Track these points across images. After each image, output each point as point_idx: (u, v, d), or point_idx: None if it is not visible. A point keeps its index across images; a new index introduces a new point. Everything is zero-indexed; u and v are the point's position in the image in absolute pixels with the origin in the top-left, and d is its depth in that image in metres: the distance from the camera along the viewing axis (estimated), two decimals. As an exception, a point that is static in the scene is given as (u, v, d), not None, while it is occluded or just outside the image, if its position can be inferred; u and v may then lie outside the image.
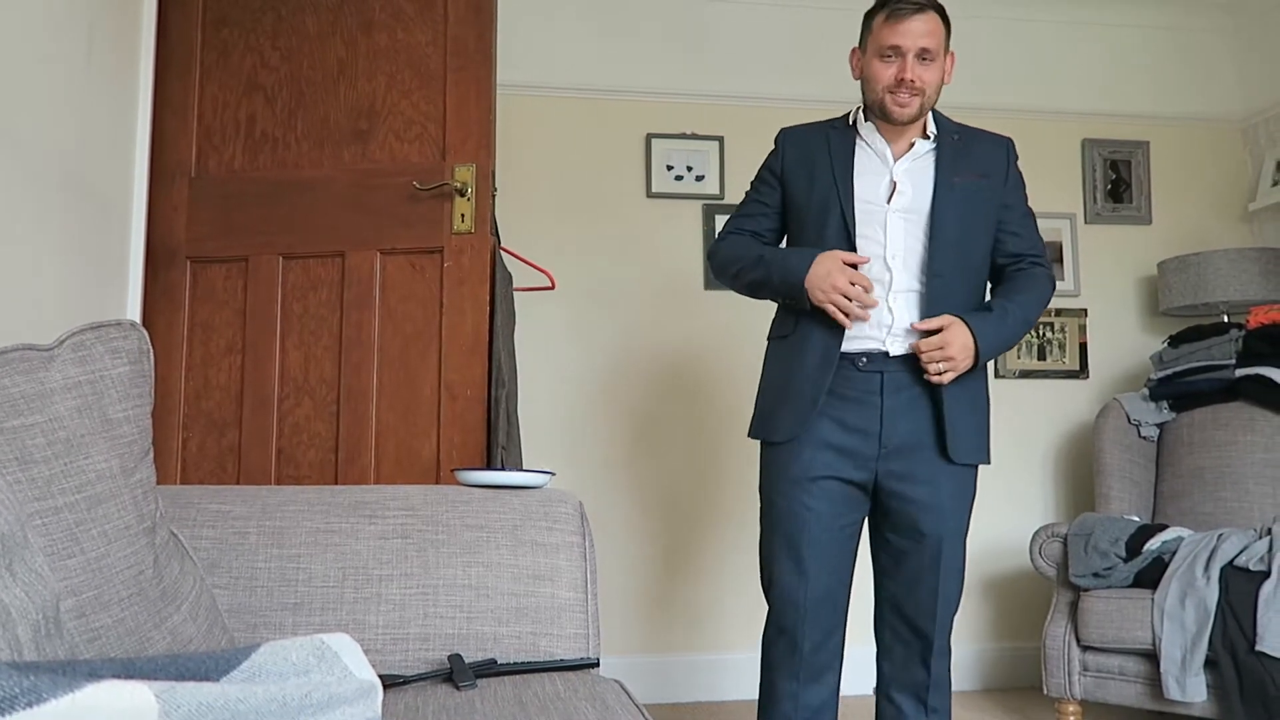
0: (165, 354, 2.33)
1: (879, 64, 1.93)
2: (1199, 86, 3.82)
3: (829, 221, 1.95)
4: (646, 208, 3.49)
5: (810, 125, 2.08)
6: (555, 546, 1.50)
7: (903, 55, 1.90)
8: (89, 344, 1.13)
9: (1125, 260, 3.72)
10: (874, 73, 1.94)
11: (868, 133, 2.00)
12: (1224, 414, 3.10)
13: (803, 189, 2.00)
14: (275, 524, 1.45)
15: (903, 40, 1.89)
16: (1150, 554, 2.58)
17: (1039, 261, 2.02)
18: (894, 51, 1.91)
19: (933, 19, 1.90)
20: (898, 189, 1.94)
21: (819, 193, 1.97)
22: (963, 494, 1.94)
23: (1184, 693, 2.39)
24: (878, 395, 1.89)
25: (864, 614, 2.19)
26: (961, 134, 2.01)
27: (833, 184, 1.95)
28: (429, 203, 2.32)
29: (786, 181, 2.04)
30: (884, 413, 1.89)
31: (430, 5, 2.40)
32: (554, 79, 3.47)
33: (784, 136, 2.10)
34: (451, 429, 2.26)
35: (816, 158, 2.00)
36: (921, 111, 1.94)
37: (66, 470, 1.05)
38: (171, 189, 2.39)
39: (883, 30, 1.92)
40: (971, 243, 1.96)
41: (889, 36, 1.90)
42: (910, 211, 1.93)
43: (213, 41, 2.45)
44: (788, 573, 1.91)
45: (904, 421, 1.89)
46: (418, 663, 1.39)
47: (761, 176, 2.10)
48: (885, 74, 1.92)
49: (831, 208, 1.94)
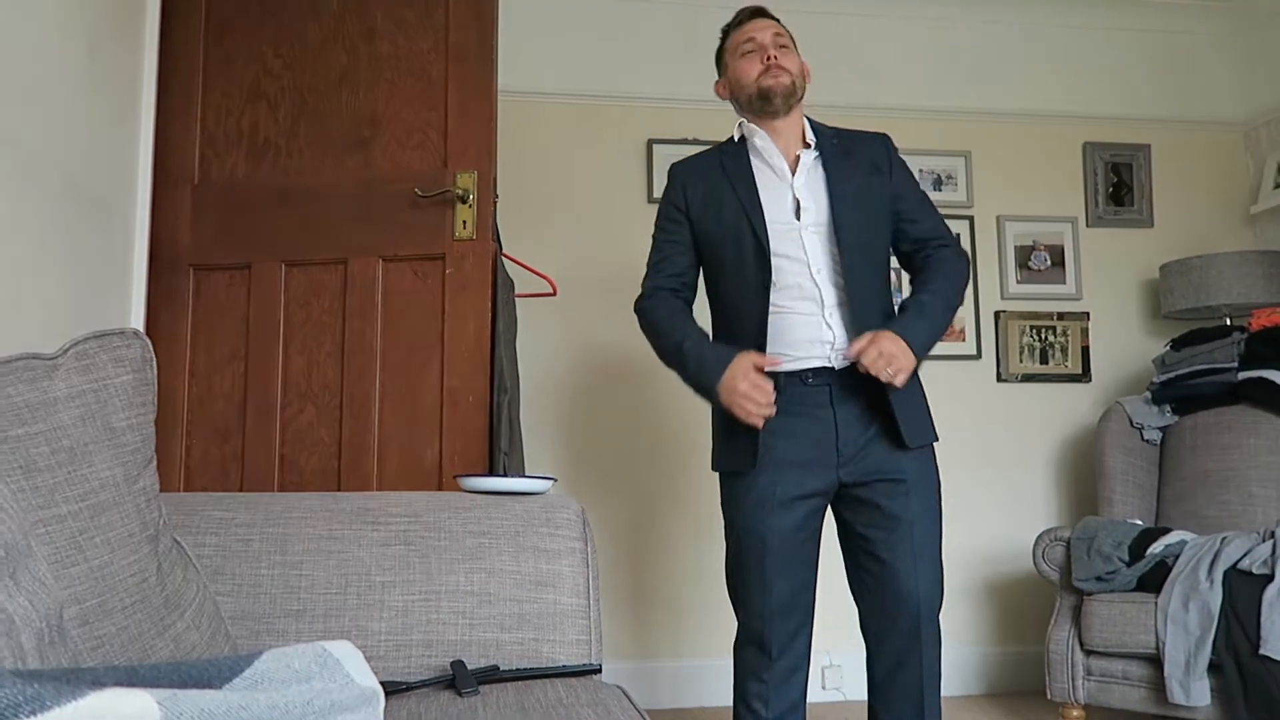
0: (168, 361, 2.33)
1: (742, 61, 2.04)
2: (1200, 90, 3.83)
3: (745, 245, 1.94)
4: (648, 213, 3.46)
5: (699, 155, 2.11)
6: (557, 552, 1.50)
7: (760, 44, 2.02)
8: (92, 353, 1.14)
9: (1127, 263, 3.72)
10: (741, 70, 2.03)
11: (761, 144, 2.00)
12: (1227, 417, 3.10)
13: (712, 218, 2.00)
14: (278, 531, 1.46)
15: (756, 33, 2.04)
16: (1153, 558, 2.58)
17: (945, 243, 2.06)
18: (751, 44, 2.03)
19: (773, 21, 2.08)
20: (802, 205, 1.95)
21: (729, 219, 1.97)
22: (926, 475, 1.97)
23: (1188, 697, 2.38)
24: (829, 408, 1.92)
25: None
26: (839, 136, 2.05)
27: (740, 208, 1.96)
28: (431, 209, 2.32)
29: (693, 217, 2.03)
30: (838, 423, 1.92)
31: (431, 13, 2.41)
32: (556, 85, 3.48)
33: (679, 171, 2.10)
34: (454, 435, 2.26)
35: (717, 185, 2.01)
36: (795, 91, 2.01)
37: (70, 478, 1.06)
38: (174, 196, 2.39)
39: (734, 37, 2.08)
40: (875, 242, 1.99)
41: (742, 35, 2.06)
42: (818, 225, 1.95)
43: (215, 50, 2.45)
44: (752, 587, 1.96)
45: (857, 427, 1.92)
46: (420, 669, 1.39)
47: (667, 214, 2.09)
48: (751, 65, 2.02)
49: (744, 232, 1.94)
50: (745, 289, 1.96)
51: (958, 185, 3.65)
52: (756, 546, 1.95)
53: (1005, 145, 3.70)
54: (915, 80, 3.67)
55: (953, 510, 3.35)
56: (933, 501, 1.98)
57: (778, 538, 1.94)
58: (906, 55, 3.68)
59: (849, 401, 1.92)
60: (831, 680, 3.26)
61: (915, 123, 3.59)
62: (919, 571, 1.95)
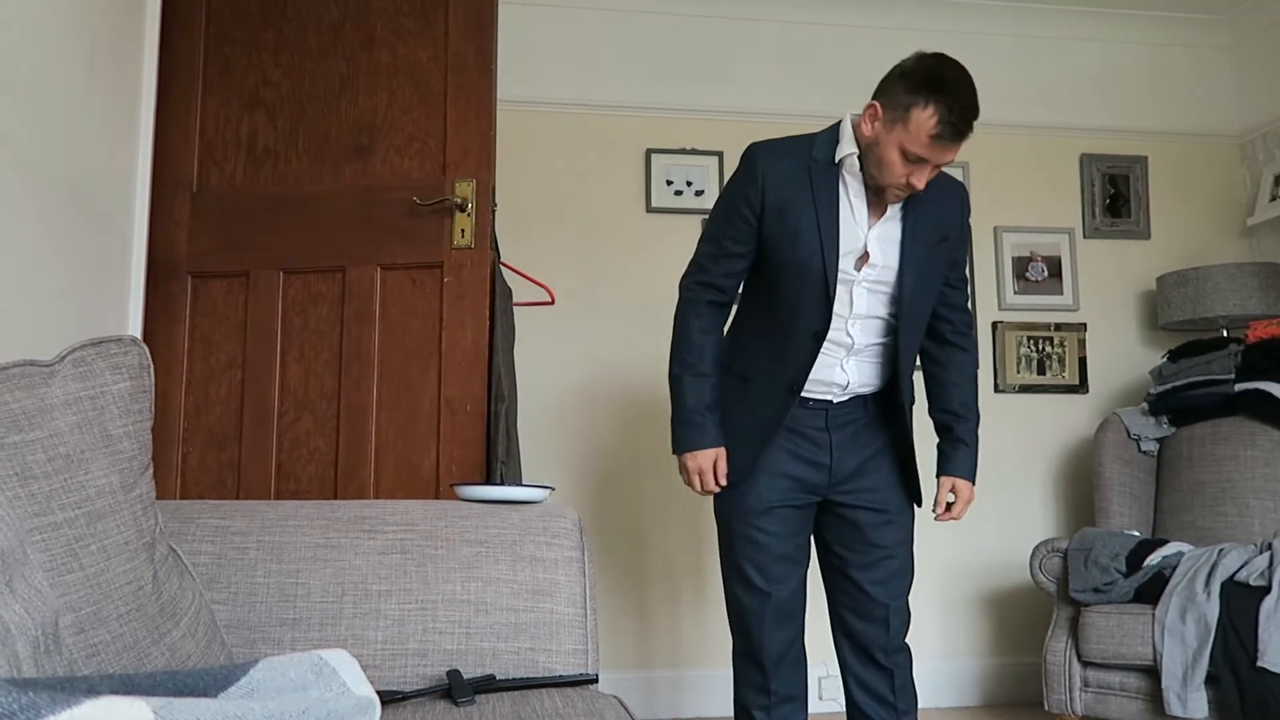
0: (165, 369, 2.33)
1: (899, 159, 1.80)
2: (1197, 102, 3.84)
3: (808, 286, 1.88)
4: (646, 223, 3.50)
5: (787, 148, 1.93)
6: (554, 562, 1.50)
7: (923, 167, 1.81)
8: (90, 360, 1.14)
9: (1124, 275, 3.73)
10: (890, 161, 1.81)
11: (853, 185, 1.90)
12: (1224, 429, 3.10)
13: (787, 239, 1.88)
14: (274, 539, 1.45)
15: (936, 159, 1.80)
16: (1150, 569, 2.58)
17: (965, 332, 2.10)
18: (925, 163, 1.80)
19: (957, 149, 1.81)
20: (869, 260, 1.91)
21: (803, 251, 1.87)
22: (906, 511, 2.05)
23: (1185, 708, 2.38)
24: (825, 431, 1.99)
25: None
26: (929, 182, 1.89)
27: (819, 247, 1.86)
28: (429, 218, 2.32)
29: (766, 224, 1.90)
30: (833, 446, 1.99)
31: (431, 22, 2.42)
32: (554, 94, 3.49)
33: (763, 161, 1.91)
34: (451, 444, 2.26)
35: (800, 205, 1.87)
36: None
37: (66, 486, 1.05)
38: (173, 204, 2.40)
39: (922, 138, 1.76)
40: (925, 303, 2.01)
41: (925, 150, 1.78)
42: (878, 282, 1.93)
43: (215, 58, 2.46)
44: (749, 595, 2.02)
45: (851, 452, 2.00)
46: (416, 679, 1.39)
47: (737, 209, 1.93)
48: (900, 171, 1.81)
49: (813, 272, 1.87)
50: (794, 329, 1.92)
51: (955, 196, 3.66)
52: (753, 556, 2.00)
53: (1002, 157, 3.71)
54: (913, 91, 3.68)
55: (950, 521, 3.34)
56: (907, 535, 2.06)
57: (774, 548, 1.99)
58: (904, 66, 3.69)
59: (845, 428, 2.00)
60: (829, 690, 3.25)
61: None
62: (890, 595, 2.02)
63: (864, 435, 2.01)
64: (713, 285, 2.00)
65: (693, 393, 1.98)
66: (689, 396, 1.98)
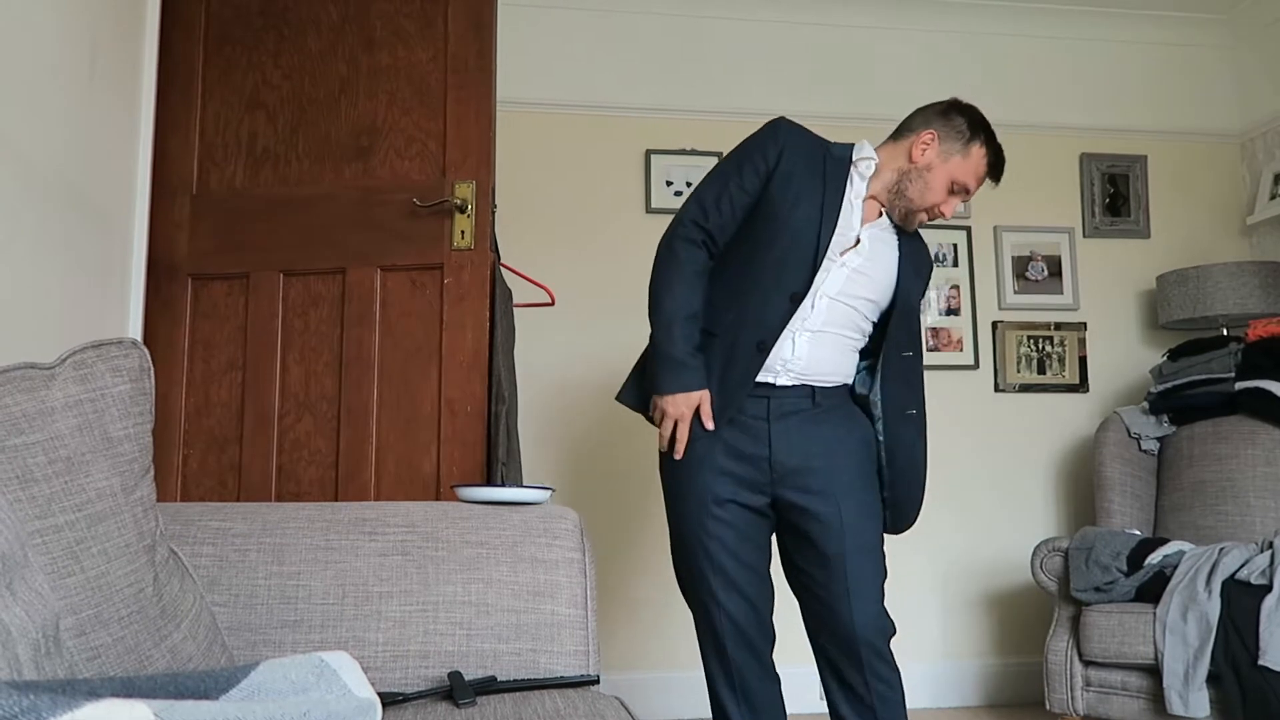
0: (166, 371, 2.33)
1: (943, 189, 1.98)
2: (1197, 101, 3.84)
3: (800, 247, 1.90)
4: (646, 223, 3.50)
5: (810, 134, 2.02)
6: (555, 563, 1.50)
7: (959, 198, 2.00)
8: (90, 362, 1.14)
9: (1124, 274, 3.72)
10: (937, 187, 1.97)
11: (858, 186, 1.98)
12: (1224, 427, 3.10)
13: (787, 204, 1.92)
14: (275, 541, 1.45)
15: (972, 192, 2.02)
16: (1151, 568, 2.58)
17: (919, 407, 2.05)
18: (962, 193, 2.00)
19: None
20: (857, 246, 1.94)
21: (799, 220, 1.91)
22: (865, 509, 1.92)
23: (1187, 708, 2.38)
24: (764, 420, 1.91)
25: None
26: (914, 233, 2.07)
27: (816, 219, 1.90)
28: (429, 219, 2.32)
29: (775, 183, 1.93)
30: (771, 437, 1.90)
31: (431, 24, 2.42)
32: (554, 95, 3.49)
33: (787, 132, 1.98)
34: (451, 445, 2.26)
35: (809, 178, 1.94)
36: None
37: (67, 488, 1.05)
38: (173, 205, 2.40)
39: (974, 172, 1.99)
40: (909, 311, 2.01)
41: (973, 182, 1.99)
42: (858, 271, 1.94)
43: (215, 59, 2.46)
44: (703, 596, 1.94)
45: (794, 444, 1.90)
46: (417, 680, 1.39)
47: (752, 160, 1.95)
48: (941, 198, 1.98)
49: (805, 240, 1.90)
50: (772, 288, 1.91)
51: (955, 196, 3.66)
52: (699, 553, 1.92)
53: (1002, 156, 3.71)
54: (912, 91, 3.67)
55: (950, 521, 3.33)
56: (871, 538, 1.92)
57: (722, 550, 1.91)
58: (904, 66, 3.69)
59: (786, 418, 1.91)
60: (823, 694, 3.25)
61: (913, 133, 3.60)
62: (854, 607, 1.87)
63: (809, 429, 1.91)
64: (708, 230, 1.95)
65: (683, 333, 1.90)
66: (678, 337, 1.90)
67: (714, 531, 1.90)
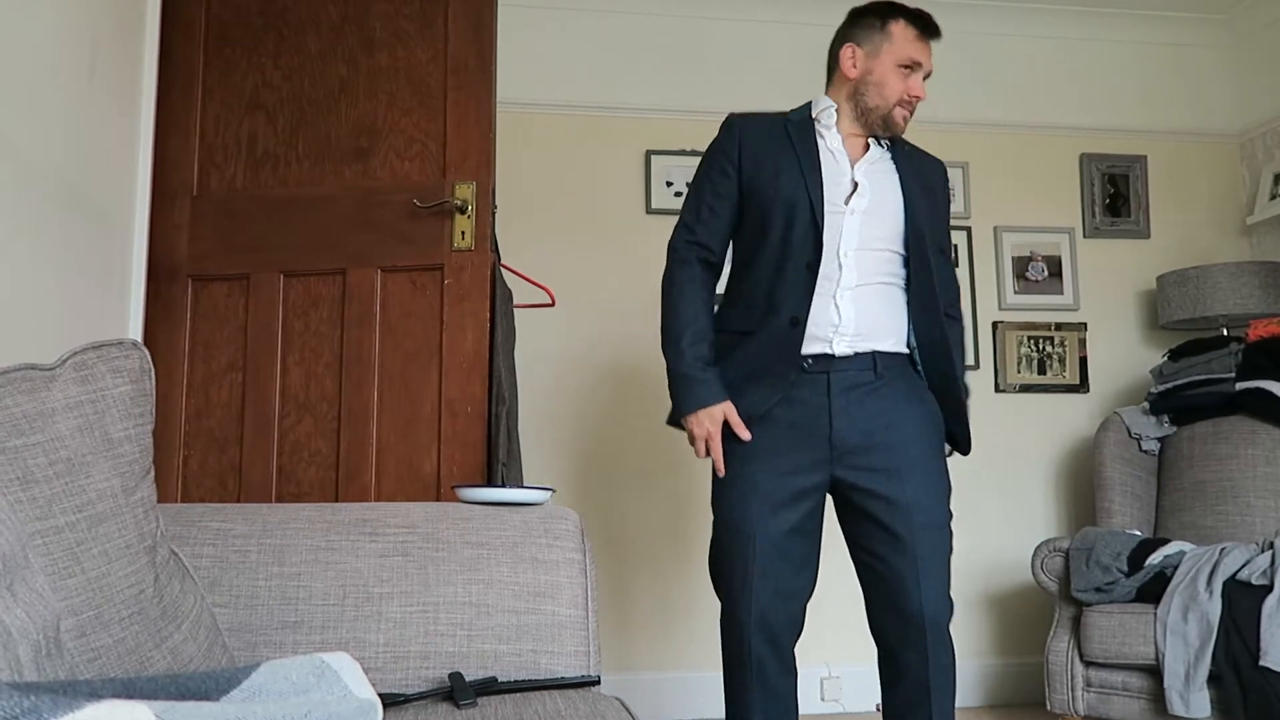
0: (166, 372, 2.33)
1: (895, 74, 1.94)
2: (1196, 101, 3.84)
3: (797, 215, 1.89)
4: (646, 224, 3.50)
5: (764, 115, 2.02)
6: (555, 563, 1.50)
7: (918, 73, 1.95)
8: (91, 363, 1.14)
9: (1124, 274, 3.73)
10: (889, 81, 1.94)
11: (829, 134, 1.98)
12: (1225, 427, 3.10)
13: (768, 182, 1.92)
14: (276, 542, 1.45)
15: (924, 60, 1.95)
16: (1152, 568, 2.58)
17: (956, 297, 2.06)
18: (915, 67, 1.95)
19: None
20: (857, 190, 1.93)
21: (786, 188, 1.91)
22: (932, 485, 1.88)
23: (1188, 708, 2.38)
24: (824, 395, 1.87)
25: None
26: (909, 147, 2.04)
27: (801, 181, 1.90)
28: (429, 220, 2.32)
29: (746, 174, 1.95)
30: (832, 413, 1.86)
31: (431, 24, 2.42)
32: (554, 96, 3.49)
33: (738, 122, 2.00)
34: (452, 446, 2.26)
35: (779, 150, 1.94)
36: None
37: (68, 489, 1.05)
38: (173, 207, 2.40)
39: (910, 43, 1.95)
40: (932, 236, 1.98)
41: (916, 52, 1.95)
42: (868, 213, 1.92)
43: (215, 60, 2.46)
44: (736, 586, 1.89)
45: (855, 421, 1.86)
46: (418, 681, 1.39)
47: (716, 164, 1.98)
48: (900, 86, 1.94)
49: (799, 200, 1.89)
50: (786, 264, 1.89)
51: (955, 196, 3.66)
52: (741, 544, 1.87)
53: (1002, 156, 3.71)
54: (912, 92, 3.68)
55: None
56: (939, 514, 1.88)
57: (763, 537, 1.86)
58: (904, 67, 3.69)
59: (848, 393, 1.87)
60: (830, 692, 3.25)
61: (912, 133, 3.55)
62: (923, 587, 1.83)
63: (870, 403, 1.87)
64: (699, 243, 1.97)
65: (691, 350, 1.89)
66: (686, 354, 1.89)
67: (761, 525, 1.86)
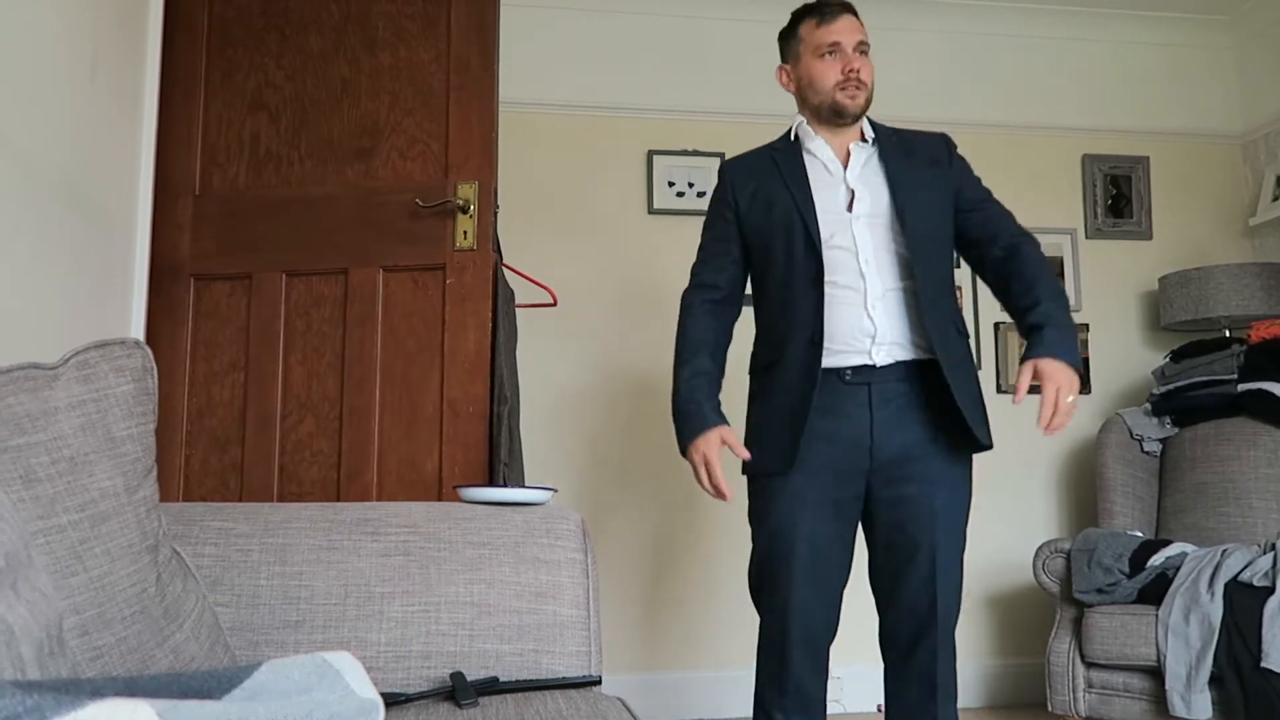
0: (168, 371, 2.33)
1: (820, 64, 1.97)
2: (1199, 102, 3.84)
3: (794, 238, 1.93)
4: (648, 224, 3.50)
5: (750, 153, 2.08)
6: (557, 563, 1.50)
7: (843, 50, 1.95)
8: (93, 362, 1.14)
9: (1126, 275, 3.72)
10: (818, 73, 1.97)
11: (813, 145, 2.01)
12: (1227, 429, 3.10)
13: (761, 214, 1.98)
14: (277, 541, 1.45)
15: (841, 37, 1.96)
16: (1154, 570, 2.58)
17: (1021, 232, 2.01)
18: (834, 49, 1.96)
19: (856, 18, 1.99)
20: (856, 196, 1.94)
21: (779, 214, 1.95)
22: (957, 497, 1.93)
23: (1189, 710, 2.38)
24: (866, 409, 1.89)
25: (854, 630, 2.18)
26: (898, 135, 2.04)
27: (791, 202, 1.94)
28: (431, 220, 2.32)
29: (742, 214, 2.01)
30: (874, 425, 1.89)
31: (433, 24, 2.42)
32: (556, 96, 3.49)
33: (728, 169, 2.08)
34: (453, 446, 2.26)
35: (768, 181, 1.99)
36: (868, 104, 2.00)
37: (70, 488, 1.05)
38: (175, 206, 2.40)
39: (817, 32, 1.98)
40: (939, 230, 1.98)
41: (826, 35, 1.96)
42: (874, 215, 1.93)
43: (217, 60, 2.46)
44: (778, 593, 1.92)
45: (894, 433, 1.89)
46: (420, 680, 1.39)
47: (716, 212, 2.07)
48: (831, 71, 1.96)
49: (794, 223, 1.93)
50: (794, 283, 1.93)
51: (957, 197, 3.66)
52: (785, 551, 1.90)
53: (1004, 157, 3.71)
54: (915, 92, 3.68)
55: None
56: (958, 526, 1.93)
57: (808, 543, 1.89)
58: (907, 67, 3.69)
59: (889, 404, 1.89)
60: (831, 692, 3.25)
61: (915, 134, 3.60)
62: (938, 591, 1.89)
63: (909, 416, 1.89)
64: (704, 285, 2.03)
65: (685, 385, 1.93)
66: (681, 389, 1.93)
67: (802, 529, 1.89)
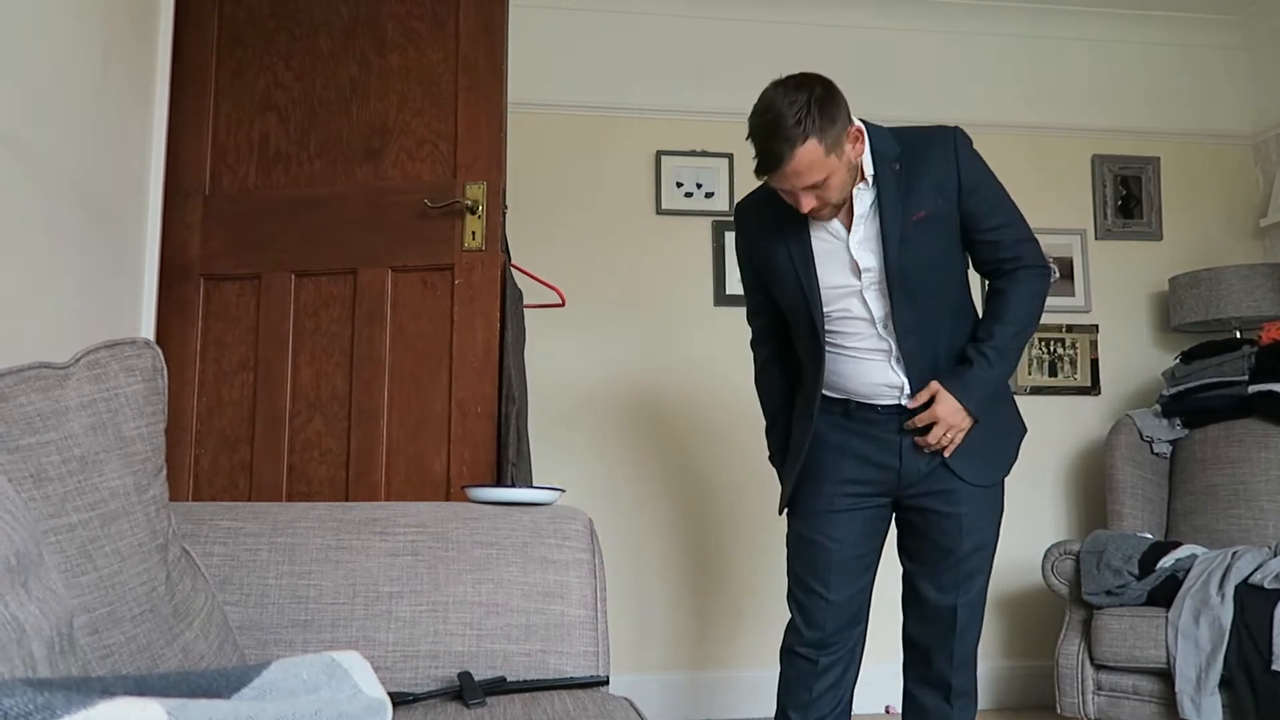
0: (178, 371, 2.34)
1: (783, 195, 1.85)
2: (1209, 102, 3.82)
3: (799, 317, 1.99)
4: (656, 225, 3.50)
5: (757, 200, 2.01)
6: (565, 563, 1.50)
7: (794, 195, 1.82)
8: (104, 362, 1.14)
9: (1136, 276, 3.71)
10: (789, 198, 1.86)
11: None
12: (1237, 430, 3.08)
13: (771, 280, 2.02)
14: (286, 541, 1.46)
15: (783, 185, 1.81)
16: (1163, 572, 2.57)
17: (1021, 261, 1.96)
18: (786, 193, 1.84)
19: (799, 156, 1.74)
20: (862, 267, 1.90)
21: (787, 288, 1.98)
22: (986, 509, 2.01)
23: (1199, 713, 2.37)
24: (897, 435, 1.97)
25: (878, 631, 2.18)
26: (902, 157, 1.88)
27: (796, 281, 1.94)
28: (440, 220, 2.33)
29: (756, 264, 2.06)
30: (903, 449, 1.96)
31: (442, 25, 2.42)
32: (564, 97, 3.49)
33: (741, 215, 2.08)
34: (462, 446, 2.27)
35: (773, 247, 1.97)
36: (844, 201, 1.86)
37: (81, 487, 1.06)
38: (185, 207, 2.41)
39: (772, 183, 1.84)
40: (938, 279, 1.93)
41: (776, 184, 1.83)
42: (883, 281, 1.90)
43: (227, 61, 2.47)
44: (812, 598, 2.01)
45: (919, 459, 1.97)
46: (427, 680, 1.39)
47: (742, 259, 2.12)
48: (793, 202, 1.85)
49: (799, 305, 1.96)
50: (803, 348, 2.03)
51: (966, 197, 3.65)
52: (819, 560, 1.99)
53: (1014, 158, 3.69)
54: (923, 92, 3.67)
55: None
56: (988, 536, 2.01)
57: (841, 552, 1.99)
58: (916, 68, 3.68)
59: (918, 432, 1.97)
60: (839, 693, 3.25)
61: (924, 135, 3.59)
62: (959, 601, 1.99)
63: None
64: (759, 339, 2.16)
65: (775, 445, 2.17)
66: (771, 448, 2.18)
67: (835, 535, 1.98)
